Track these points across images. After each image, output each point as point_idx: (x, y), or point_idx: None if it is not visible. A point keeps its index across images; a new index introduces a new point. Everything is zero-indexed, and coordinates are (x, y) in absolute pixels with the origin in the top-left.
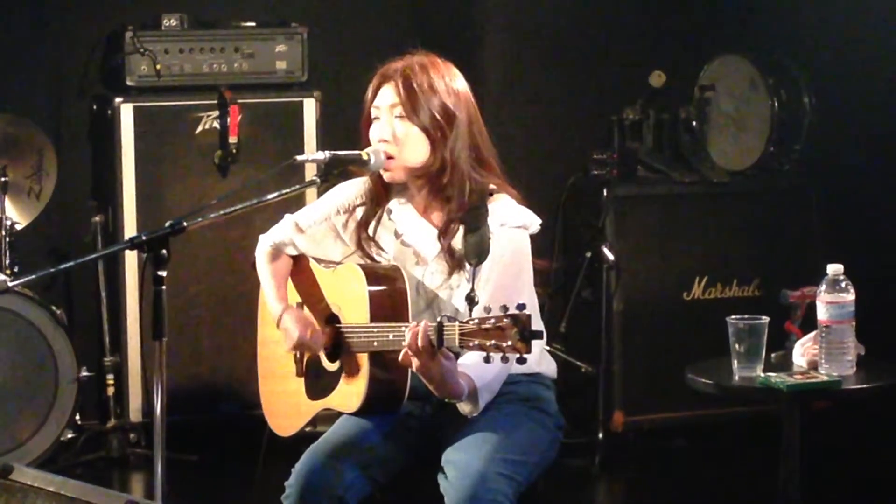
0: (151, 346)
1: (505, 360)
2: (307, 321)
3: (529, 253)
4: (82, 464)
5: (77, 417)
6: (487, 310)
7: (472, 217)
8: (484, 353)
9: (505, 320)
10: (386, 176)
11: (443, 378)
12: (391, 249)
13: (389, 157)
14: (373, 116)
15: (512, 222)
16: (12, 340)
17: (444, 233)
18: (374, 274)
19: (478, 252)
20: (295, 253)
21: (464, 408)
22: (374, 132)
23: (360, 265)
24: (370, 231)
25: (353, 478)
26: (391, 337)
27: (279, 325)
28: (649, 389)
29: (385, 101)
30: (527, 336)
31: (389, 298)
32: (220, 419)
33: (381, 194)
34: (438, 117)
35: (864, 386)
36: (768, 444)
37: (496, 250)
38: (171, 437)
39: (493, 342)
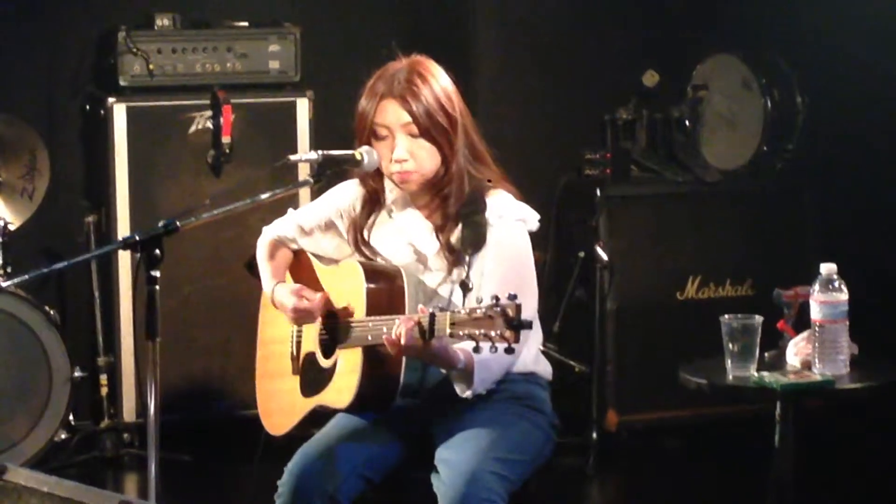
0: (145, 346)
1: (494, 349)
2: (298, 290)
3: (530, 246)
4: (76, 464)
5: (70, 418)
6: (479, 300)
7: (470, 211)
8: (474, 343)
9: (495, 309)
10: (403, 186)
11: (434, 358)
12: (390, 249)
13: (409, 173)
14: (381, 135)
15: (511, 215)
16: (5, 341)
17: (442, 228)
18: (373, 271)
19: (474, 241)
20: (296, 248)
21: (458, 384)
22: (388, 151)
23: (361, 262)
24: (367, 233)
25: (346, 477)
26: (385, 330)
27: (274, 303)
28: (643, 389)
29: (394, 120)
30: (514, 325)
31: (387, 295)
32: (213, 419)
33: (378, 193)
34: (447, 127)
35: (858, 385)
36: (761, 444)
37: (495, 243)
38: (164, 437)
39: (482, 331)
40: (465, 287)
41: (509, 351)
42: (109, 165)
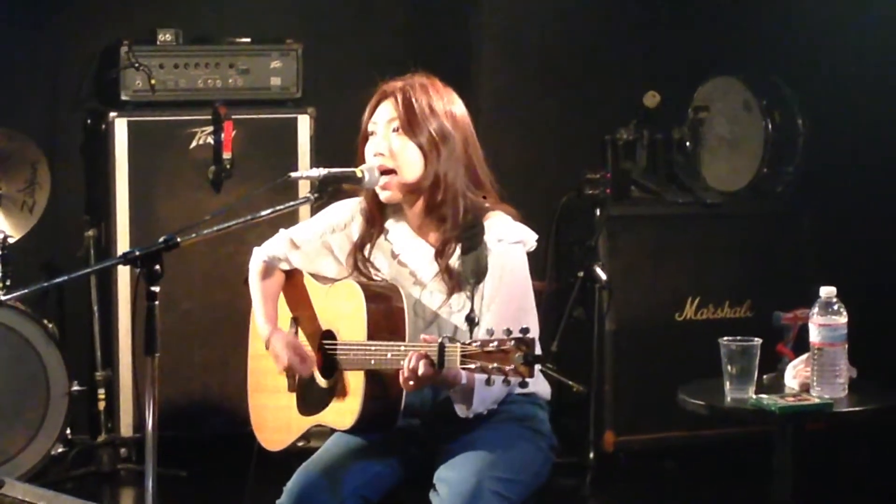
0: (143, 361)
1: (507, 383)
2: (296, 345)
3: (527, 268)
4: (73, 478)
5: (68, 432)
6: (490, 332)
7: (469, 236)
8: (485, 376)
9: (508, 343)
10: (382, 195)
11: (442, 383)
12: (387, 271)
13: (388, 172)
14: (370, 132)
15: (509, 238)
16: (4, 354)
17: (441, 253)
18: (371, 291)
19: (476, 272)
20: (288, 268)
21: (458, 404)
22: (371, 147)
23: (359, 282)
24: (365, 254)
25: (345, 497)
26: (389, 356)
27: (268, 347)
28: (641, 410)
29: (383, 117)
30: (530, 360)
31: (387, 316)
32: (211, 435)
33: (375, 214)
34: (434, 135)
35: (856, 409)
36: (759, 466)
37: (495, 268)
38: (161, 453)
39: (495, 365)
40: (471, 322)
41: (524, 385)
42: (110, 180)
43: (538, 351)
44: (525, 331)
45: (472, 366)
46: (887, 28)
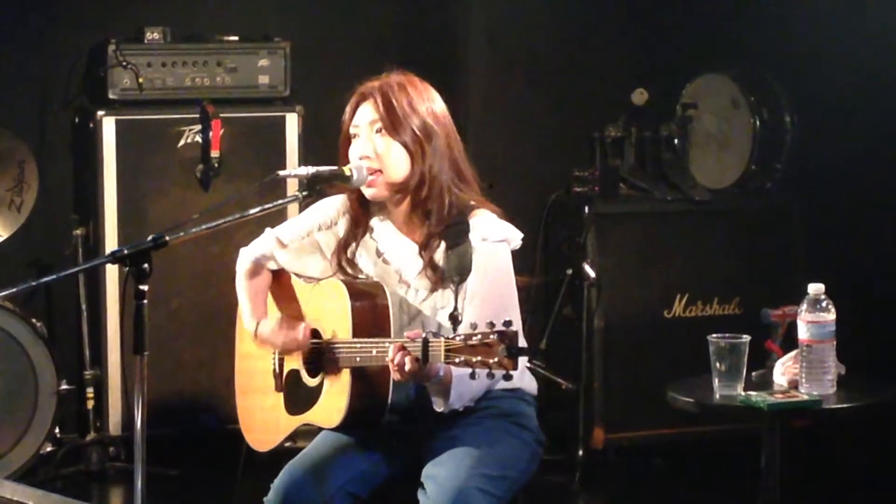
0: (131, 359)
1: (491, 376)
2: (281, 324)
3: (511, 266)
4: (62, 477)
5: (57, 430)
6: (473, 326)
7: (454, 233)
8: (469, 370)
9: (492, 336)
10: (368, 193)
11: (425, 379)
12: (372, 270)
13: (375, 172)
14: (352, 135)
15: (493, 236)
16: None
17: (425, 248)
18: (356, 289)
19: (460, 269)
20: (276, 268)
21: (436, 397)
22: (355, 150)
23: (343, 280)
24: (350, 253)
25: (333, 493)
26: (374, 353)
27: (256, 339)
28: (630, 407)
29: (364, 119)
30: (514, 352)
31: (372, 314)
32: (200, 433)
33: (360, 213)
34: (417, 132)
35: (845, 405)
36: (748, 463)
37: (479, 266)
38: (150, 451)
39: (479, 358)
40: (454, 320)
41: (508, 378)
42: (98, 178)
43: (522, 344)
44: (508, 323)
45: (457, 360)
46: (876, 24)
